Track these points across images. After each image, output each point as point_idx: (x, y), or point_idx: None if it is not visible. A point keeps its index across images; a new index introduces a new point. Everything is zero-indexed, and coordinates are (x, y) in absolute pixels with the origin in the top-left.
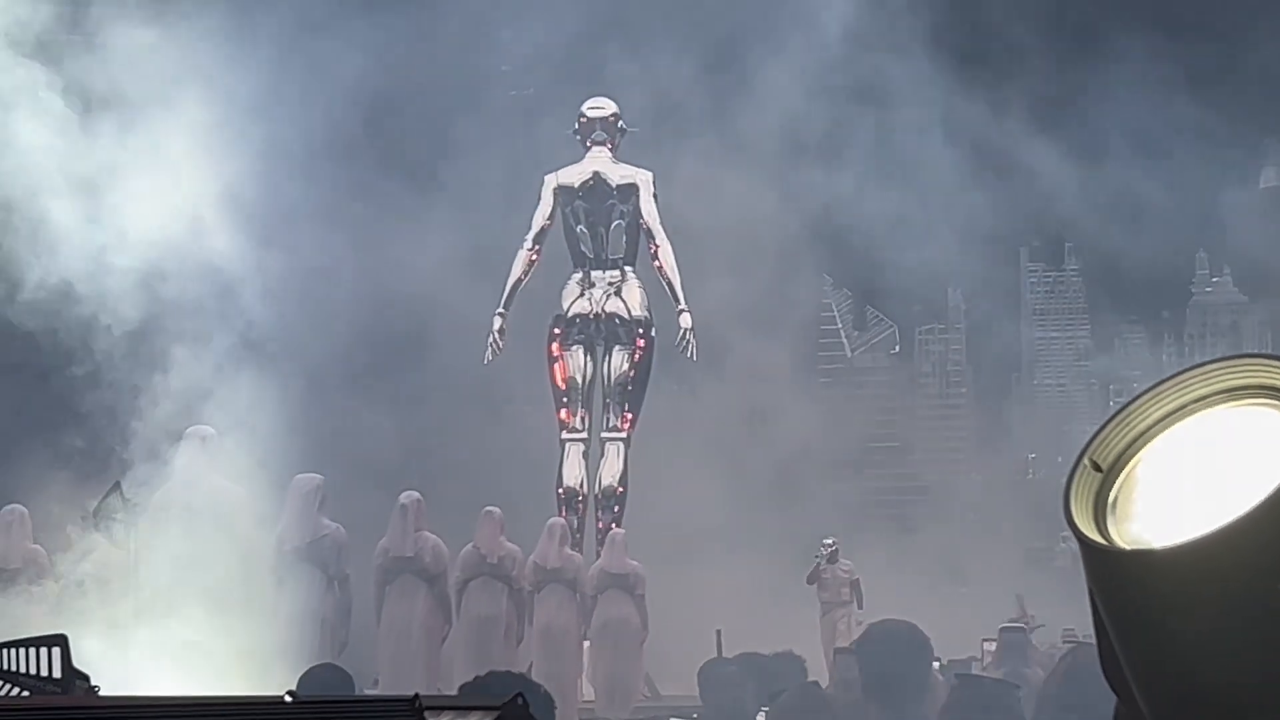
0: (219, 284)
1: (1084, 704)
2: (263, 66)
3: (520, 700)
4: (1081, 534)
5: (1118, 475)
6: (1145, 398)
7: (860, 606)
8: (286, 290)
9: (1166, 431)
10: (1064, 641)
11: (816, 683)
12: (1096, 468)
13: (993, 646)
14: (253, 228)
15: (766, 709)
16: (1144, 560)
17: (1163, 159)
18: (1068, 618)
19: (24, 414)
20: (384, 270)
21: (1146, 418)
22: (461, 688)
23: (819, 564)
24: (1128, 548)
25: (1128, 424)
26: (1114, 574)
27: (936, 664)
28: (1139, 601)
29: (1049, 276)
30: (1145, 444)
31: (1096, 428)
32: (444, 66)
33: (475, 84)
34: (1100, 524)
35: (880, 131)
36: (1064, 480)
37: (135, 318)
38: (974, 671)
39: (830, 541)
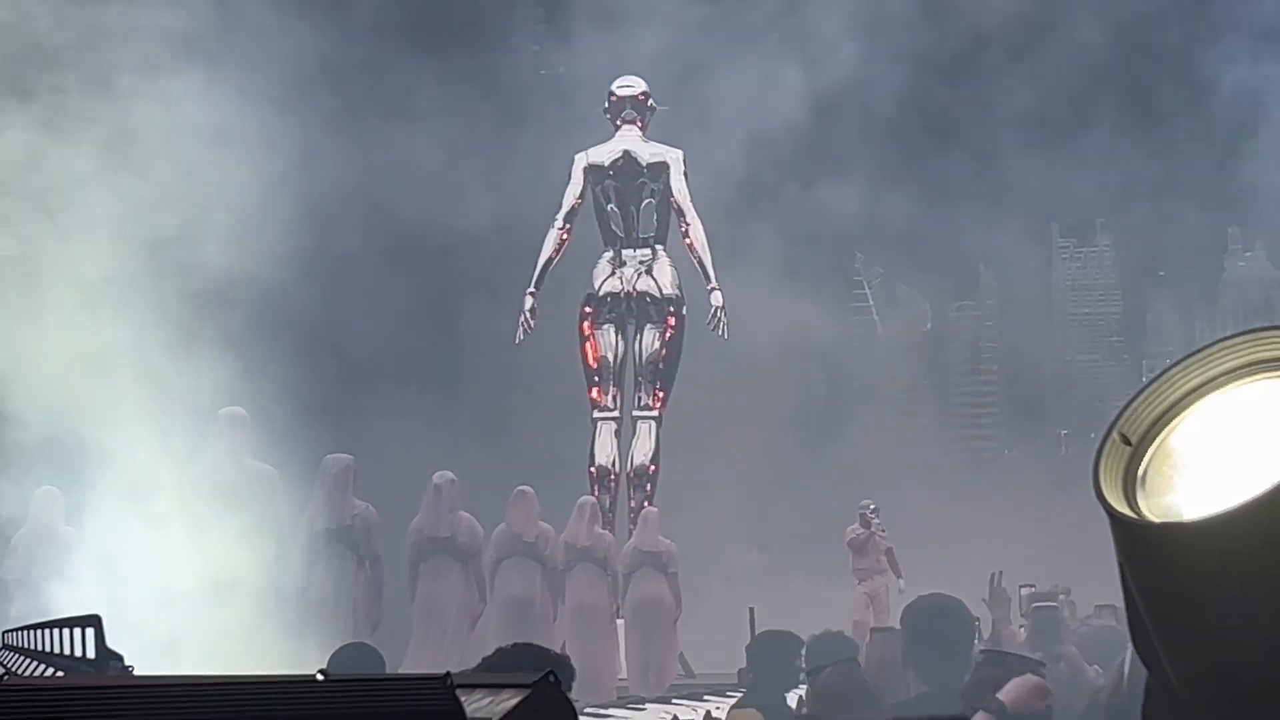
0: (251, 265)
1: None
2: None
3: (552, 678)
4: (1111, 508)
5: (1147, 449)
6: (1173, 371)
7: (900, 576)
8: (318, 271)
9: (1195, 405)
10: (1097, 609)
11: (855, 660)
12: (1126, 441)
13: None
14: (285, 210)
15: (803, 687)
16: (1173, 533)
17: (1193, 133)
18: (1101, 594)
19: None
20: (415, 251)
21: (1175, 391)
22: (483, 661)
23: (866, 531)
24: (1157, 521)
25: (1156, 398)
26: (1144, 547)
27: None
28: (1169, 574)
29: (1080, 252)
30: (1174, 417)
31: (1125, 401)
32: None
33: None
34: (1130, 497)
35: (911, 106)
36: (1093, 454)
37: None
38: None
39: (870, 504)
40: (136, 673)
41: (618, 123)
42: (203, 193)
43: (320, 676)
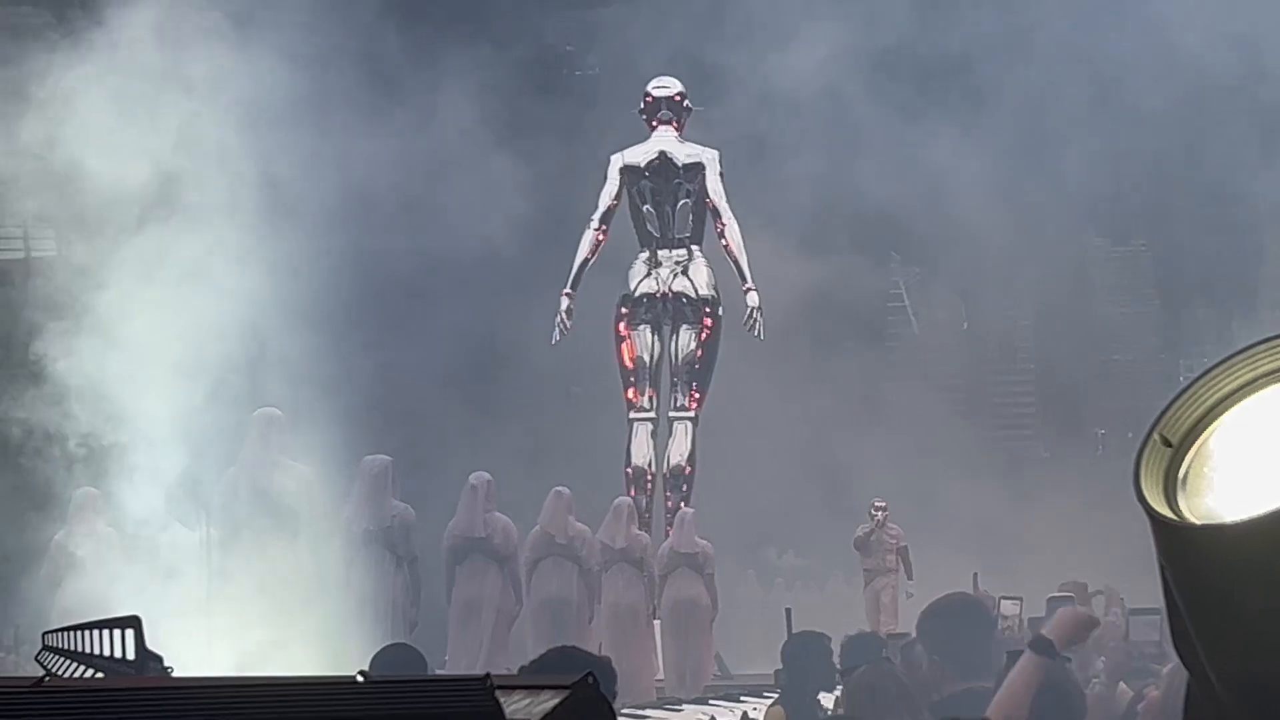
0: (288, 265)
1: None
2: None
3: (591, 679)
4: (1152, 509)
5: (1188, 450)
6: (1214, 372)
7: (910, 577)
8: (353, 272)
9: (1236, 406)
10: (1131, 612)
11: (889, 659)
12: (1166, 443)
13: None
14: (321, 210)
15: (840, 687)
16: (1215, 535)
17: (1232, 133)
18: (1138, 597)
19: None
20: (452, 252)
21: (1216, 392)
22: (521, 668)
23: (871, 529)
24: (1198, 523)
25: (1197, 399)
26: (1185, 549)
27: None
28: (1210, 576)
29: (1117, 252)
30: (1215, 419)
31: (1166, 403)
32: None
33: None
34: (1171, 499)
35: (950, 103)
36: (1134, 455)
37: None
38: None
39: (882, 504)
40: (175, 674)
41: (653, 123)
42: (238, 192)
43: (360, 678)
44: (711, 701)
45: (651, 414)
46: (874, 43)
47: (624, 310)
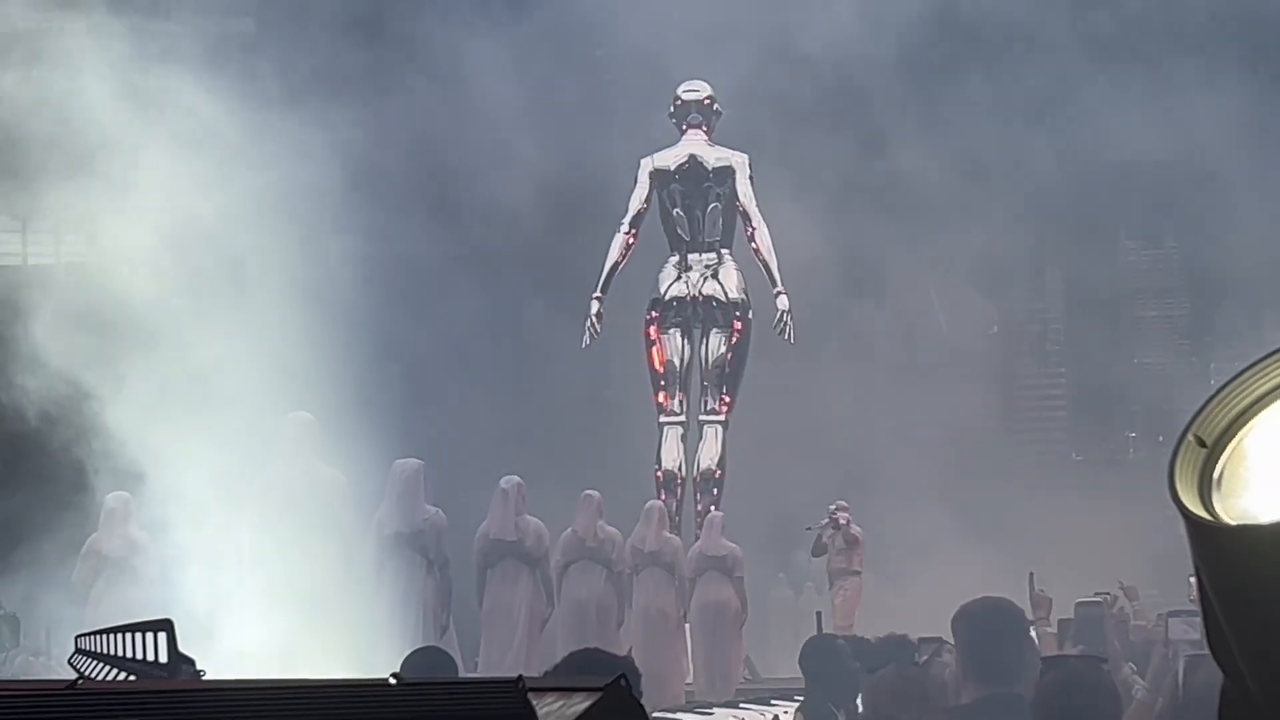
0: (317, 269)
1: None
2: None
3: (623, 681)
4: (1187, 510)
5: (1223, 450)
6: (1250, 372)
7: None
8: (385, 277)
9: (1272, 406)
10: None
11: (916, 662)
12: (1201, 443)
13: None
14: (350, 214)
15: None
16: (1250, 535)
17: (1263, 134)
18: (1166, 600)
19: None
20: (481, 255)
21: (1252, 392)
22: (545, 673)
23: (832, 532)
24: (1233, 523)
25: (1233, 399)
26: (1220, 550)
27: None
28: (1245, 577)
29: (1148, 254)
30: (1251, 419)
31: (1201, 403)
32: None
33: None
34: (1206, 500)
35: (978, 107)
36: (1169, 456)
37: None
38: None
39: (841, 503)
40: (208, 678)
41: (684, 127)
42: (263, 194)
43: (393, 680)
44: (742, 705)
45: (681, 418)
46: (888, 50)
47: (654, 314)
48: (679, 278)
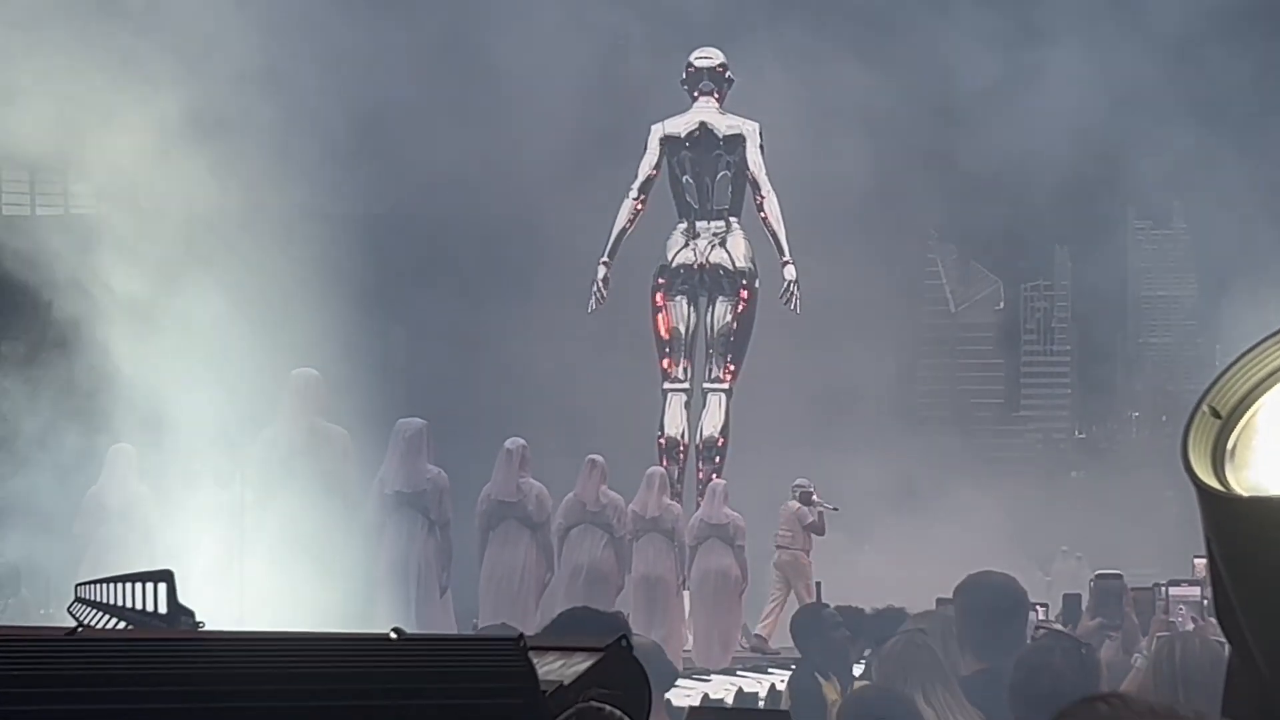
0: (324, 230)
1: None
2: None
3: (624, 642)
4: (1199, 480)
5: (1237, 422)
6: (1265, 344)
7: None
8: (389, 236)
9: None
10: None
11: (922, 630)
12: (1215, 414)
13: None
14: (359, 174)
15: (865, 658)
16: (1262, 507)
17: (1272, 115)
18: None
19: None
20: (486, 218)
21: (1266, 365)
22: (545, 629)
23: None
24: (1246, 494)
25: (1247, 370)
26: (1232, 521)
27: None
28: (1256, 548)
29: (1156, 234)
30: (1265, 391)
31: (1215, 375)
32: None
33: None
34: (1218, 471)
35: (988, 87)
36: (1182, 426)
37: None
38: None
39: (801, 483)
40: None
41: (695, 94)
42: (274, 159)
43: (394, 634)
44: (739, 673)
45: (685, 385)
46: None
47: (661, 280)
48: (687, 245)
